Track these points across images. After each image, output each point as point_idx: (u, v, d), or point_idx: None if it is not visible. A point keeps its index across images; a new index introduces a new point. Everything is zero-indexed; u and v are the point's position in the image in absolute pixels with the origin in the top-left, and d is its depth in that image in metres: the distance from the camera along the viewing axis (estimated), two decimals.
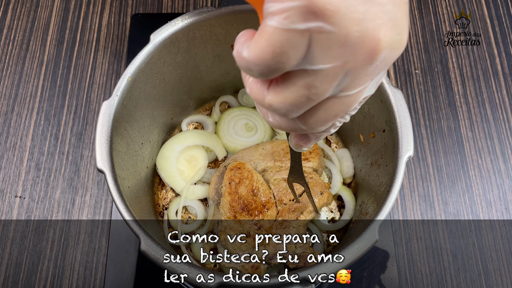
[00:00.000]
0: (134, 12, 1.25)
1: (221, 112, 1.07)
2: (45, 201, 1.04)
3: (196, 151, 1.01)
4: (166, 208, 0.99)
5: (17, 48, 1.21)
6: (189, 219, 0.98)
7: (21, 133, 1.11)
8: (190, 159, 1.00)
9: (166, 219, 0.96)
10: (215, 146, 1.01)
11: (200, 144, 1.00)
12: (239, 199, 0.86)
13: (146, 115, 0.90)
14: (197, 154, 1.00)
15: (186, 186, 0.96)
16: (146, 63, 0.81)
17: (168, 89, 0.92)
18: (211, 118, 1.07)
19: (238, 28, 0.87)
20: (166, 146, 0.99)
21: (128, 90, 0.79)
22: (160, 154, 0.98)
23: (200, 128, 1.08)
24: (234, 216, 0.86)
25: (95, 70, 1.18)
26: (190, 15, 0.81)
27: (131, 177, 0.83)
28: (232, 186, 0.87)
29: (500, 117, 1.13)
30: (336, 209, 0.99)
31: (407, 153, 0.74)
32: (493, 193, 1.06)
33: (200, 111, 1.09)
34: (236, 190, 0.87)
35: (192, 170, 0.99)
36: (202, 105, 1.09)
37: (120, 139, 0.79)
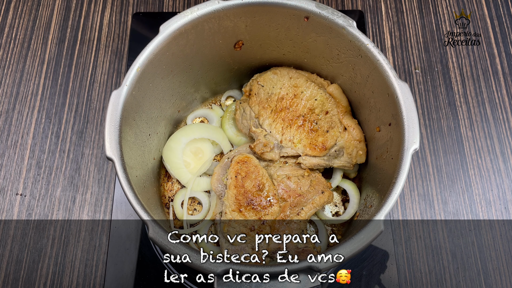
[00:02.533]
0: (135, 11, 1.26)
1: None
2: (46, 199, 1.05)
3: (202, 144, 1.02)
4: (171, 199, 1.00)
5: (18, 46, 1.22)
6: (195, 211, 0.99)
7: (22, 131, 1.12)
8: (196, 152, 1.01)
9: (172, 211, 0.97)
10: (220, 140, 1.02)
11: (206, 137, 1.01)
12: (245, 193, 0.87)
13: (154, 106, 0.90)
14: (204, 147, 1.02)
15: (192, 178, 0.97)
16: (155, 54, 0.81)
17: (176, 81, 0.93)
18: (216, 112, 1.08)
19: (246, 21, 0.87)
20: (173, 138, 1.00)
21: (137, 80, 0.80)
22: (167, 145, 0.99)
23: (206, 122, 1.08)
24: (239, 210, 0.86)
25: (96, 69, 1.19)
26: (200, 7, 0.82)
27: (139, 167, 0.84)
28: (239, 179, 0.88)
29: (500, 117, 1.13)
30: (340, 203, 1.00)
31: (413, 145, 0.74)
32: (492, 192, 1.06)
33: (206, 105, 1.10)
34: (243, 184, 0.88)
35: (198, 163, 1.00)
36: (208, 99, 1.10)
37: (129, 129, 0.80)
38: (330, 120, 0.95)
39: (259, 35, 0.92)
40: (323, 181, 0.93)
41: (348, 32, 0.82)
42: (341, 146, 0.93)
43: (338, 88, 0.96)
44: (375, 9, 1.26)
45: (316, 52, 0.93)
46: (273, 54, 0.99)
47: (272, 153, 0.95)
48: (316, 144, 0.93)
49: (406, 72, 1.18)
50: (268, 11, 0.85)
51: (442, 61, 1.20)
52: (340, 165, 0.95)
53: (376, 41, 1.22)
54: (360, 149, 0.94)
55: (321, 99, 0.96)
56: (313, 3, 0.83)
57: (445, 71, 1.19)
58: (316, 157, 0.94)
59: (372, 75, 0.83)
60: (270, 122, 0.96)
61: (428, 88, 1.17)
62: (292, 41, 0.93)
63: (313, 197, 0.89)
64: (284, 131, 0.95)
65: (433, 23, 1.24)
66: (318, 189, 0.91)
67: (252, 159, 0.91)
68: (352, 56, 0.86)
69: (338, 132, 0.94)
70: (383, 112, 0.84)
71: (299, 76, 0.98)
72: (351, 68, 0.89)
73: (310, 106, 0.96)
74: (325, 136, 0.94)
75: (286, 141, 0.95)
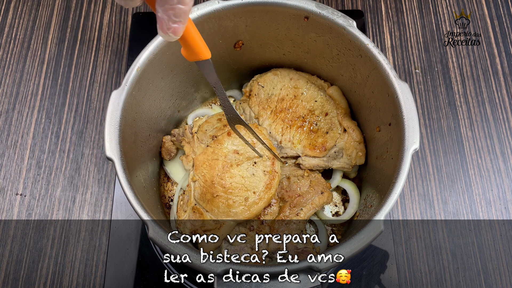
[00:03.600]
0: (135, 11, 1.26)
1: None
2: (45, 199, 1.05)
3: None
4: (171, 199, 1.00)
5: (18, 46, 1.22)
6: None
7: (22, 131, 1.12)
8: None
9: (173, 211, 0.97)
10: None
11: None
12: None
13: (154, 107, 0.91)
14: None
15: (185, 175, 0.97)
16: (155, 54, 0.81)
17: (176, 81, 0.93)
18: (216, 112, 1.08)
19: (246, 21, 0.87)
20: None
21: (137, 80, 0.80)
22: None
23: None
24: None
25: (96, 69, 1.19)
26: (200, 7, 0.82)
27: (139, 167, 0.84)
28: None
29: (500, 117, 1.13)
30: (340, 203, 1.00)
31: (413, 145, 0.74)
32: (492, 192, 1.06)
33: (206, 105, 1.10)
34: None
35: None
36: (208, 99, 1.10)
37: (129, 129, 0.80)
38: (329, 121, 0.95)
39: (259, 35, 0.92)
40: (322, 182, 0.93)
41: (348, 32, 0.82)
42: (341, 147, 0.94)
43: (338, 90, 0.96)
44: (375, 9, 1.26)
45: (316, 52, 0.93)
46: (273, 54, 0.99)
47: None
48: (315, 145, 0.93)
49: (406, 72, 1.18)
50: (268, 11, 0.85)
51: (442, 61, 1.20)
52: (340, 166, 0.95)
53: (376, 41, 1.22)
54: (359, 151, 0.94)
55: (321, 100, 0.96)
56: (313, 3, 0.83)
57: (445, 71, 1.19)
58: (316, 158, 0.94)
59: (372, 75, 0.83)
60: (270, 122, 0.96)
61: (428, 88, 1.17)
62: (292, 41, 0.93)
63: (312, 197, 0.89)
64: (283, 132, 0.95)
65: (433, 23, 1.24)
66: (317, 189, 0.91)
67: None
68: (352, 56, 0.86)
69: (337, 133, 0.94)
70: (383, 112, 0.84)
71: (300, 78, 0.98)
72: (351, 68, 0.89)
73: (310, 108, 0.96)
74: (325, 137, 0.94)
75: (285, 142, 0.95)
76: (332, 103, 0.96)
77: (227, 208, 0.83)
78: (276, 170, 0.87)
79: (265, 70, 1.03)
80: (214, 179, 0.84)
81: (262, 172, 0.86)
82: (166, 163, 1.01)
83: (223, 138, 0.88)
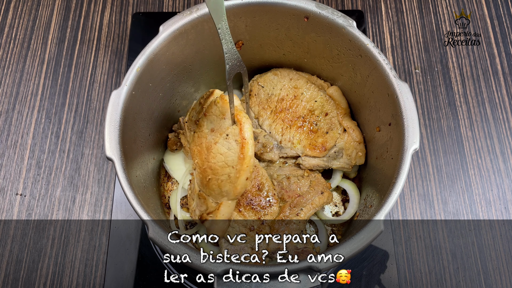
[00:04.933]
0: (135, 11, 1.26)
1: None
2: (45, 199, 1.05)
3: None
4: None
5: (18, 46, 1.22)
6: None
7: (22, 131, 1.12)
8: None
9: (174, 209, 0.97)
10: None
11: None
12: (245, 193, 0.87)
13: (154, 106, 0.91)
14: None
15: (184, 174, 0.97)
16: (155, 54, 0.81)
17: (176, 81, 0.93)
18: None
19: (246, 21, 0.87)
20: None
21: (137, 80, 0.80)
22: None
23: None
24: (239, 210, 0.86)
25: (96, 69, 1.19)
26: (200, 7, 0.82)
27: (139, 167, 0.84)
28: None
29: (500, 117, 1.13)
30: (340, 203, 1.00)
31: (413, 145, 0.74)
32: (492, 192, 1.06)
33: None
34: None
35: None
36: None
37: (129, 129, 0.80)
38: (329, 121, 0.95)
39: (259, 35, 0.92)
40: (322, 182, 0.93)
41: (348, 32, 0.82)
42: (341, 148, 0.94)
43: (338, 90, 0.96)
44: (375, 9, 1.26)
45: (316, 52, 0.93)
46: (273, 54, 0.99)
47: (271, 153, 0.95)
48: (315, 145, 0.93)
49: (406, 72, 1.18)
50: (268, 11, 0.85)
51: (442, 61, 1.20)
52: (339, 166, 0.95)
53: (376, 41, 1.22)
54: (359, 151, 0.94)
55: (321, 100, 0.96)
56: (313, 3, 0.83)
57: (445, 71, 1.19)
58: (316, 158, 0.94)
59: (372, 75, 0.83)
60: (270, 122, 0.96)
61: (428, 88, 1.17)
62: (292, 41, 0.93)
63: (312, 197, 0.89)
64: (283, 132, 0.95)
65: (433, 23, 1.24)
66: (317, 189, 0.91)
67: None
68: (352, 56, 0.86)
69: (337, 133, 0.94)
70: (383, 112, 0.84)
71: (300, 78, 0.98)
72: (351, 68, 0.89)
73: (310, 108, 0.96)
74: (325, 137, 0.94)
75: (285, 142, 0.95)
76: (332, 103, 0.96)
77: (219, 189, 0.82)
78: (244, 137, 0.78)
79: (265, 70, 1.02)
80: (203, 164, 0.82)
81: (235, 143, 0.79)
82: (166, 160, 1.01)
83: (202, 121, 0.84)
